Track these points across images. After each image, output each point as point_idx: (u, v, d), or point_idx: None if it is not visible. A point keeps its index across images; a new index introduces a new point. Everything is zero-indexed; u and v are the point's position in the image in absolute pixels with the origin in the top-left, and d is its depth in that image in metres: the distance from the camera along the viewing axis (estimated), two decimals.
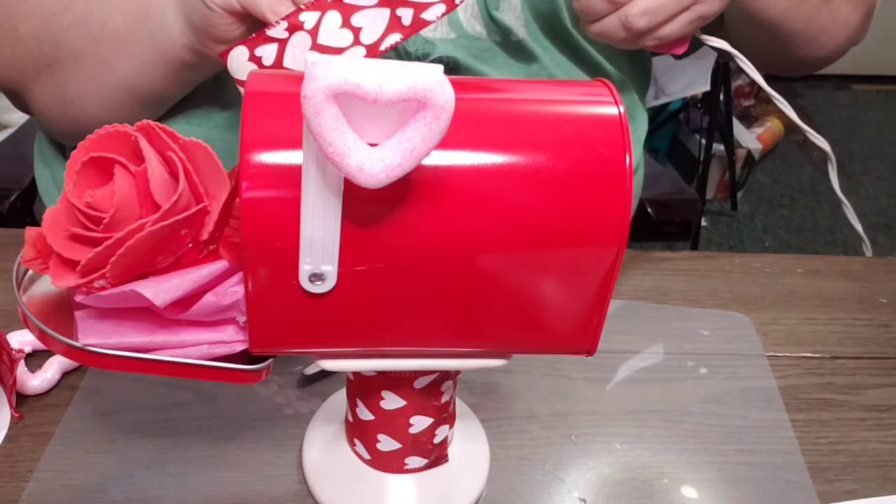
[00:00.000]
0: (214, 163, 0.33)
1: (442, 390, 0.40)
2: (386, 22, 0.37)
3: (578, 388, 0.53)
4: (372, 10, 0.38)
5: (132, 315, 0.34)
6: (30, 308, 0.35)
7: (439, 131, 0.27)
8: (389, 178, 0.27)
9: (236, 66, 0.44)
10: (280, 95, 0.31)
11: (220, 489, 0.44)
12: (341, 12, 0.43)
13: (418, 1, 0.36)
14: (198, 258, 0.34)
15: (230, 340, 0.35)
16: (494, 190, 0.31)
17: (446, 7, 0.40)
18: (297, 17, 0.44)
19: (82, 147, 0.34)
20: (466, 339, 0.35)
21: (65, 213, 0.34)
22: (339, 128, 0.26)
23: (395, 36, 0.38)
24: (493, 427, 0.49)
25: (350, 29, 0.43)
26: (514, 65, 0.63)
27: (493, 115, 0.32)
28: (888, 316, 0.60)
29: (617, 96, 0.33)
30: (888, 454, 0.50)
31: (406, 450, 0.42)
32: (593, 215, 0.31)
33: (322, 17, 0.44)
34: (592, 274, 0.33)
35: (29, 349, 0.50)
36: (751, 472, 0.48)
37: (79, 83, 0.59)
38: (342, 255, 0.31)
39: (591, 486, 0.46)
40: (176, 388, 0.50)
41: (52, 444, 0.46)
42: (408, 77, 0.25)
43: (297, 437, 0.47)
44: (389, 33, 0.38)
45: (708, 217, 2.13)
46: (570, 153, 0.31)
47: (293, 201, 0.29)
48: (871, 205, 2.18)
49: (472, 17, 0.61)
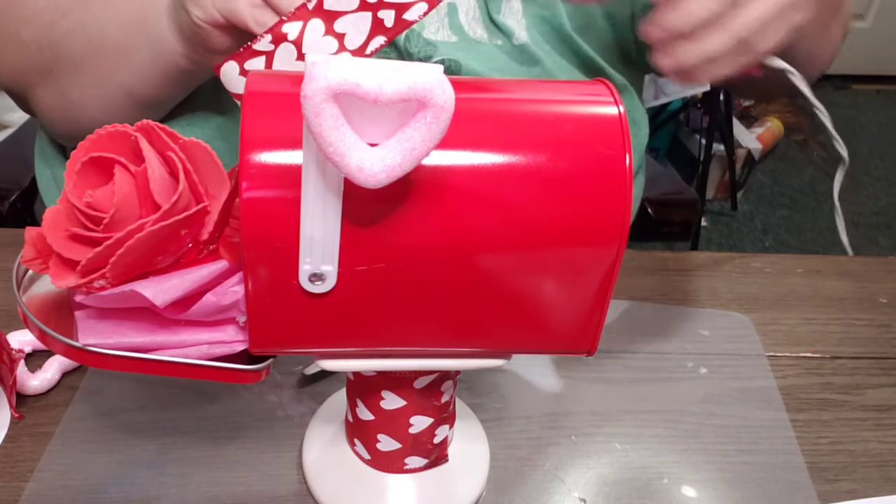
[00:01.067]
0: (214, 163, 0.33)
1: (442, 390, 0.40)
2: (369, 25, 0.37)
3: (578, 388, 0.53)
4: (353, 15, 0.38)
5: (132, 315, 0.34)
6: (30, 308, 0.35)
7: (439, 131, 0.27)
8: (389, 178, 0.27)
9: (228, 79, 0.45)
10: (280, 95, 0.31)
11: (220, 489, 0.44)
12: (324, 20, 0.43)
13: (399, 2, 0.35)
14: (198, 258, 0.34)
15: (230, 340, 0.35)
16: (494, 190, 0.31)
17: (428, 6, 0.40)
18: (281, 29, 0.44)
19: (82, 147, 0.34)
20: (466, 339, 0.35)
21: (65, 213, 0.34)
22: (339, 128, 0.26)
23: (379, 39, 0.38)
24: (493, 427, 0.49)
25: (334, 35, 0.43)
26: (515, 68, 0.63)
27: (494, 115, 0.32)
28: (888, 316, 0.60)
29: (617, 96, 0.33)
30: (888, 454, 0.50)
31: (406, 450, 0.42)
32: (593, 215, 0.31)
33: (305, 26, 0.44)
34: (592, 274, 0.33)
35: (29, 349, 0.50)
36: (751, 472, 0.48)
37: (80, 89, 0.59)
38: (342, 255, 0.31)
39: (591, 486, 0.46)
40: (176, 388, 0.50)
41: (52, 444, 0.46)
42: (408, 77, 0.25)
43: (297, 437, 0.47)
44: (374, 36, 0.38)
45: (708, 217, 2.13)
46: (570, 153, 0.31)
47: (293, 201, 0.29)
48: (871, 205, 2.18)
49: (473, 21, 0.61)
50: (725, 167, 2.12)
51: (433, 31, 0.61)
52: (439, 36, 0.61)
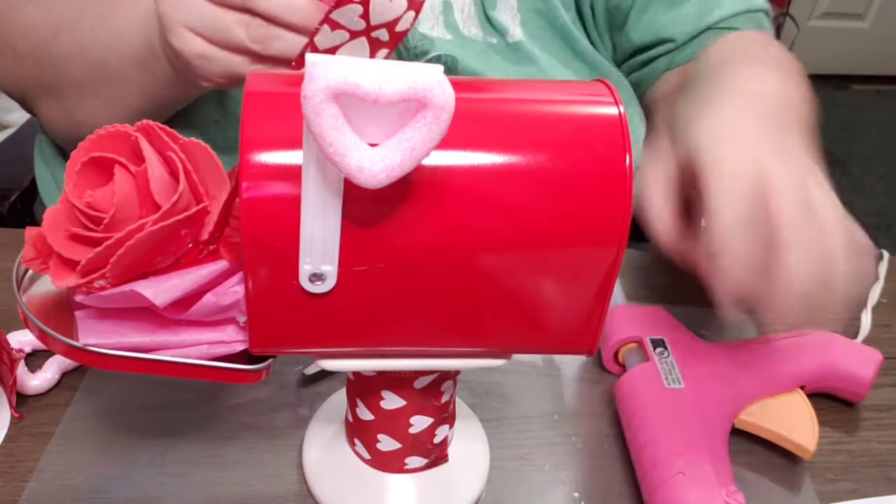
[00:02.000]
0: (214, 163, 0.33)
1: (442, 390, 0.40)
2: (367, 48, 0.37)
3: (578, 388, 0.53)
4: (349, 45, 0.38)
5: (132, 315, 0.34)
6: (30, 308, 0.35)
7: (439, 131, 0.27)
8: (389, 178, 0.27)
9: None
10: (280, 95, 0.31)
11: (220, 489, 0.44)
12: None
13: (385, 21, 0.36)
14: (198, 258, 0.34)
15: (230, 340, 0.35)
16: (494, 190, 0.31)
17: (414, 11, 0.40)
18: None
19: (82, 147, 0.34)
20: (466, 339, 0.35)
21: (65, 213, 0.34)
22: (339, 128, 0.26)
23: (382, 52, 0.39)
24: (493, 427, 0.49)
25: None
26: (510, 67, 0.63)
27: (494, 115, 0.32)
28: (888, 316, 0.60)
29: (617, 96, 0.33)
30: (888, 454, 0.50)
31: (406, 450, 0.42)
32: (593, 215, 0.31)
33: None
34: (592, 274, 0.33)
35: (29, 349, 0.50)
36: (751, 471, 0.48)
37: (86, 110, 0.59)
38: (342, 255, 0.31)
39: (591, 486, 0.46)
40: (176, 388, 0.50)
41: (52, 444, 0.46)
42: (408, 77, 0.25)
43: (297, 437, 0.47)
44: (375, 52, 0.38)
45: None
46: (570, 153, 0.31)
47: (293, 201, 0.29)
48: (871, 205, 2.18)
49: (467, 19, 0.61)
50: None
51: (429, 27, 0.61)
52: (435, 32, 0.61)
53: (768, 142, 0.43)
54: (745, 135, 0.43)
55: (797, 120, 0.48)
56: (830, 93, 2.76)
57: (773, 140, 0.43)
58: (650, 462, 0.44)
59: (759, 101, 0.47)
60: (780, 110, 0.47)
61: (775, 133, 0.44)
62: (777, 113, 0.46)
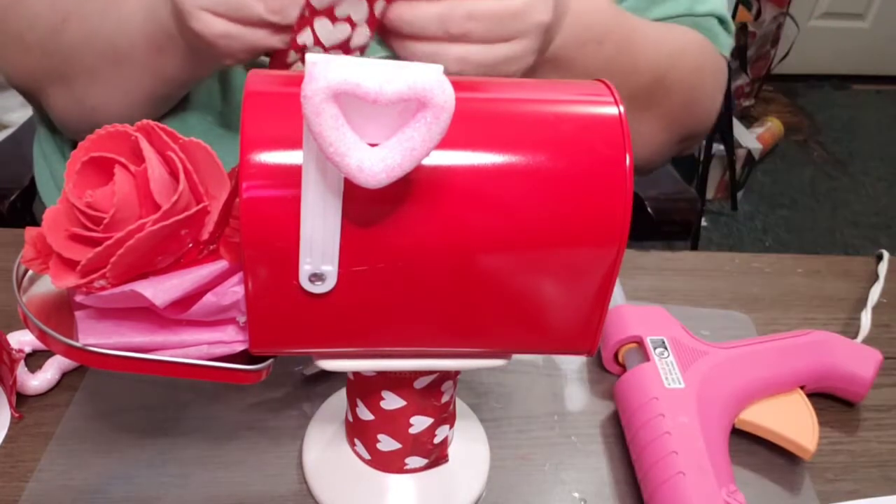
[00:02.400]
0: (214, 163, 0.33)
1: (442, 390, 0.40)
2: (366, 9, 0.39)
3: (578, 388, 0.53)
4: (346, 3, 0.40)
5: (132, 315, 0.34)
6: (30, 308, 0.35)
7: (439, 131, 0.27)
8: (389, 178, 0.27)
9: None
10: (280, 95, 0.31)
11: (220, 489, 0.44)
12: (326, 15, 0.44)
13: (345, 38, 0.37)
14: (198, 258, 0.34)
15: (230, 340, 0.35)
16: (494, 190, 0.31)
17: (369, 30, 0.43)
18: (297, 40, 0.45)
19: (82, 147, 0.34)
20: (466, 339, 0.35)
21: (65, 213, 0.34)
22: (339, 128, 0.26)
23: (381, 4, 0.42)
24: (493, 427, 0.49)
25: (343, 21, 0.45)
26: None
27: (494, 114, 0.32)
28: (888, 316, 0.60)
29: (617, 96, 0.33)
30: (888, 454, 0.50)
31: (406, 450, 0.42)
32: (593, 215, 0.31)
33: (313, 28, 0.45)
34: (592, 274, 0.33)
35: (29, 349, 0.50)
36: (751, 471, 0.48)
37: (98, 95, 0.58)
38: (342, 255, 0.31)
39: (591, 486, 0.46)
40: (176, 388, 0.50)
41: (52, 444, 0.46)
42: (408, 77, 0.25)
43: (297, 437, 0.47)
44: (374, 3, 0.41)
45: (708, 217, 2.13)
46: (570, 153, 0.31)
47: (293, 201, 0.29)
48: (871, 205, 2.18)
49: None
50: (725, 167, 2.12)
51: None
52: None
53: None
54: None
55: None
56: (830, 93, 2.76)
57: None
58: (650, 462, 0.44)
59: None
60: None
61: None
62: None
